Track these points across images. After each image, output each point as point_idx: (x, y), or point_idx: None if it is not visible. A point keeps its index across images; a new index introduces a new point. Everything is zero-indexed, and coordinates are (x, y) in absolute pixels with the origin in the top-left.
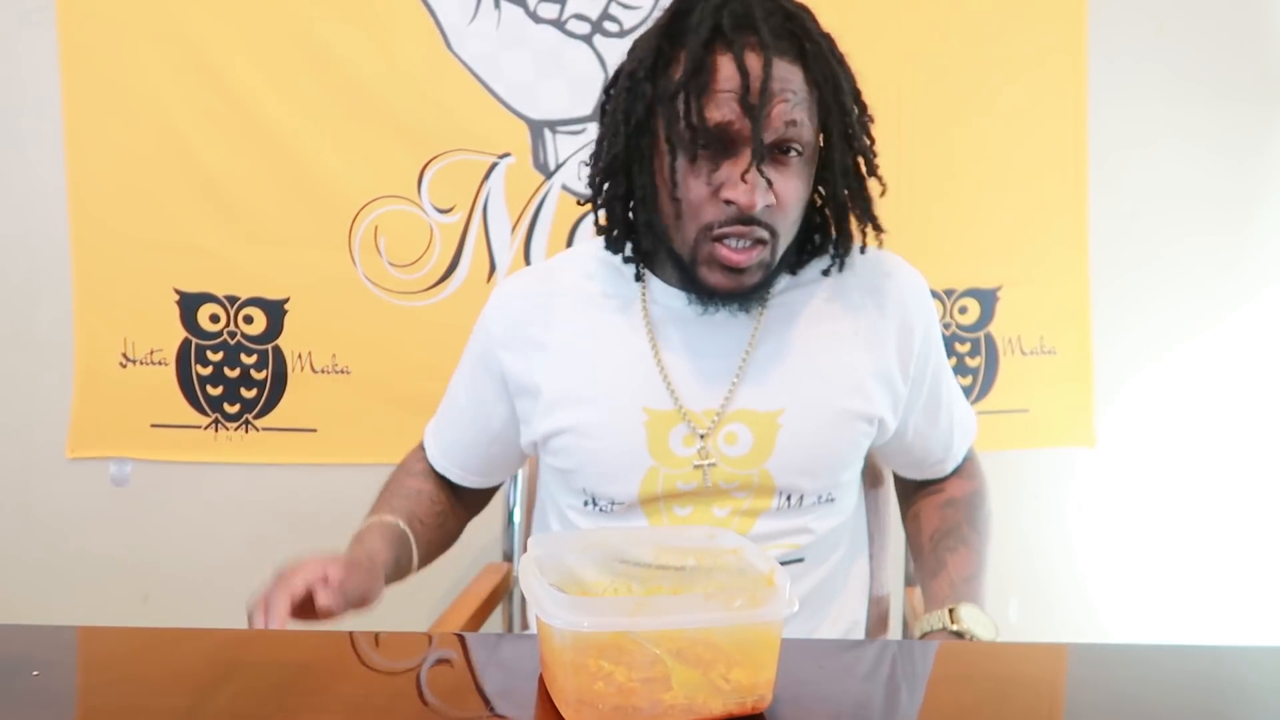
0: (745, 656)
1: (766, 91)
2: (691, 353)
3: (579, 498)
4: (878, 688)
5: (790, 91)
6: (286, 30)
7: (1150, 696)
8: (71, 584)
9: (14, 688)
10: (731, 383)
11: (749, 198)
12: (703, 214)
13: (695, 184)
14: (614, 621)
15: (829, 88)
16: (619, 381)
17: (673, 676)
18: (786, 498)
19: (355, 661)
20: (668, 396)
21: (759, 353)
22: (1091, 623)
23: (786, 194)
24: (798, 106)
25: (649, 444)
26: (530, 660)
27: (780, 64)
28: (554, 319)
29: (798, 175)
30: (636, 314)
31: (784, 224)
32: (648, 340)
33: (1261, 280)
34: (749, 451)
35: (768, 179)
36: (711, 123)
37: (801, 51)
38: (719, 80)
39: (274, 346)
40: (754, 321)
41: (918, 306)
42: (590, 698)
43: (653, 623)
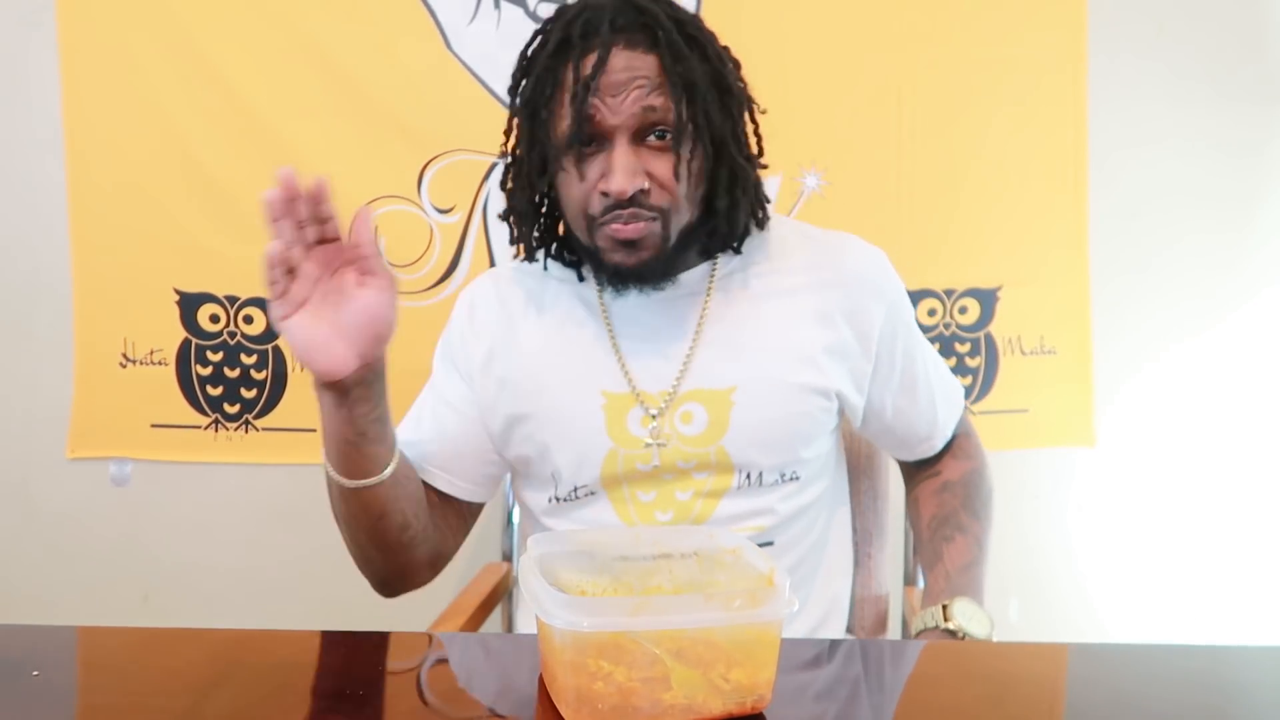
0: (745, 656)
1: (616, 82)
2: (644, 336)
3: (543, 490)
4: (877, 687)
5: (642, 77)
6: (286, 30)
7: (1150, 696)
8: (71, 584)
9: (14, 688)
10: (683, 363)
11: (617, 184)
12: (587, 207)
13: (575, 185)
14: (614, 621)
15: (686, 68)
16: (577, 367)
17: (672, 676)
18: (746, 475)
19: (355, 661)
20: (623, 379)
21: (708, 332)
22: (1091, 623)
23: (664, 175)
24: (654, 89)
25: (607, 426)
26: (530, 660)
27: (627, 54)
28: (513, 313)
29: (673, 157)
30: (593, 302)
31: (671, 203)
32: (604, 326)
33: (1261, 280)
34: (704, 430)
35: (644, 163)
36: (565, 126)
37: (653, 39)
38: (565, 86)
39: (274, 346)
40: (701, 303)
41: (875, 281)
42: (590, 697)
43: (653, 622)
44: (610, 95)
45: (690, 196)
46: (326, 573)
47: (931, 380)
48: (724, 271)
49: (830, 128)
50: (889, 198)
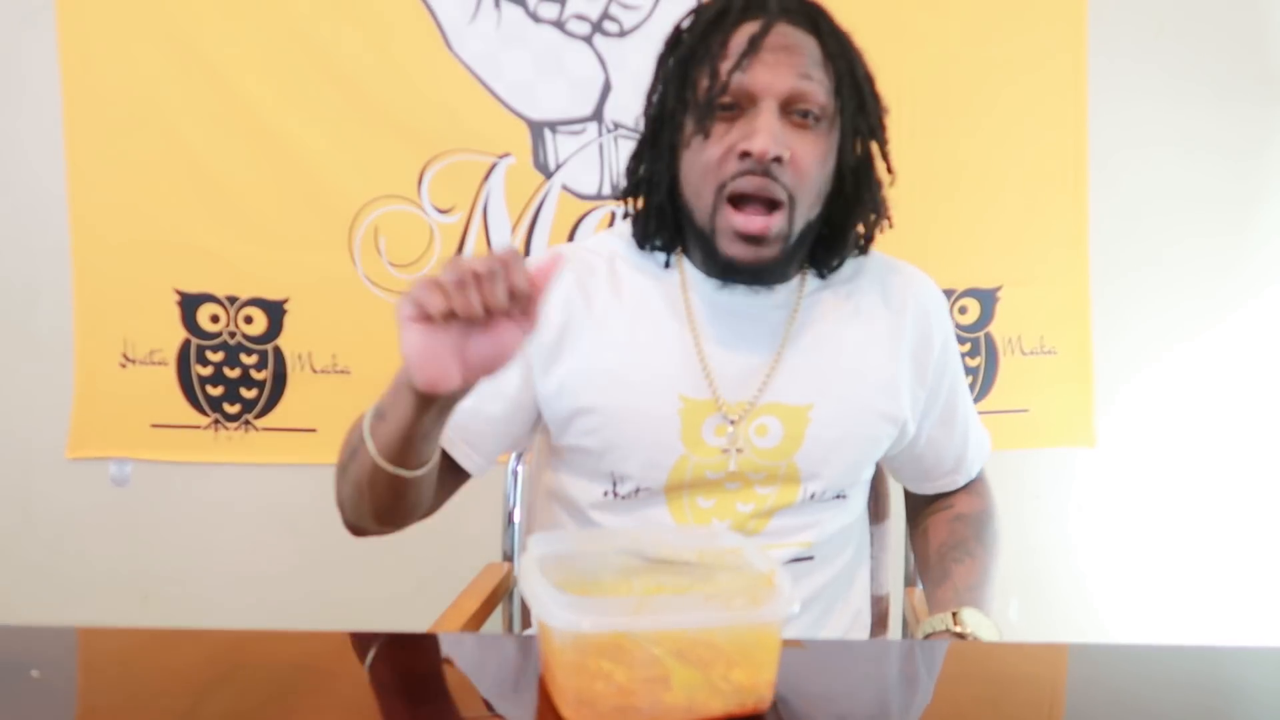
0: (745, 657)
1: (776, 49)
2: (729, 345)
3: (598, 484)
4: (878, 688)
5: (802, 52)
6: (286, 30)
7: (1150, 696)
8: (71, 584)
9: (14, 688)
10: (765, 376)
11: (760, 144)
12: (719, 171)
13: (712, 146)
14: (614, 621)
15: (843, 63)
16: (657, 367)
17: (673, 677)
18: (811, 493)
19: (355, 661)
20: (705, 386)
21: (791, 348)
22: (1091, 623)
23: (803, 156)
24: (812, 66)
25: (682, 432)
26: (530, 660)
27: (791, 30)
28: (591, 297)
29: (815, 142)
30: (676, 299)
31: (801, 190)
32: (688, 328)
33: (1261, 280)
34: (779, 443)
35: (787, 136)
36: (720, 82)
37: (816, 27)
38: (730, 45)
39: (274, 346)
40: (788, 319)
41: (936, 314)
42: (590, 698)
43: (653, 622)
44: (767, 60)
45: (820, 188)
46: (326, 573)
47: (968, 418)
48: (810, 288)
49: None
50: (889, 197)
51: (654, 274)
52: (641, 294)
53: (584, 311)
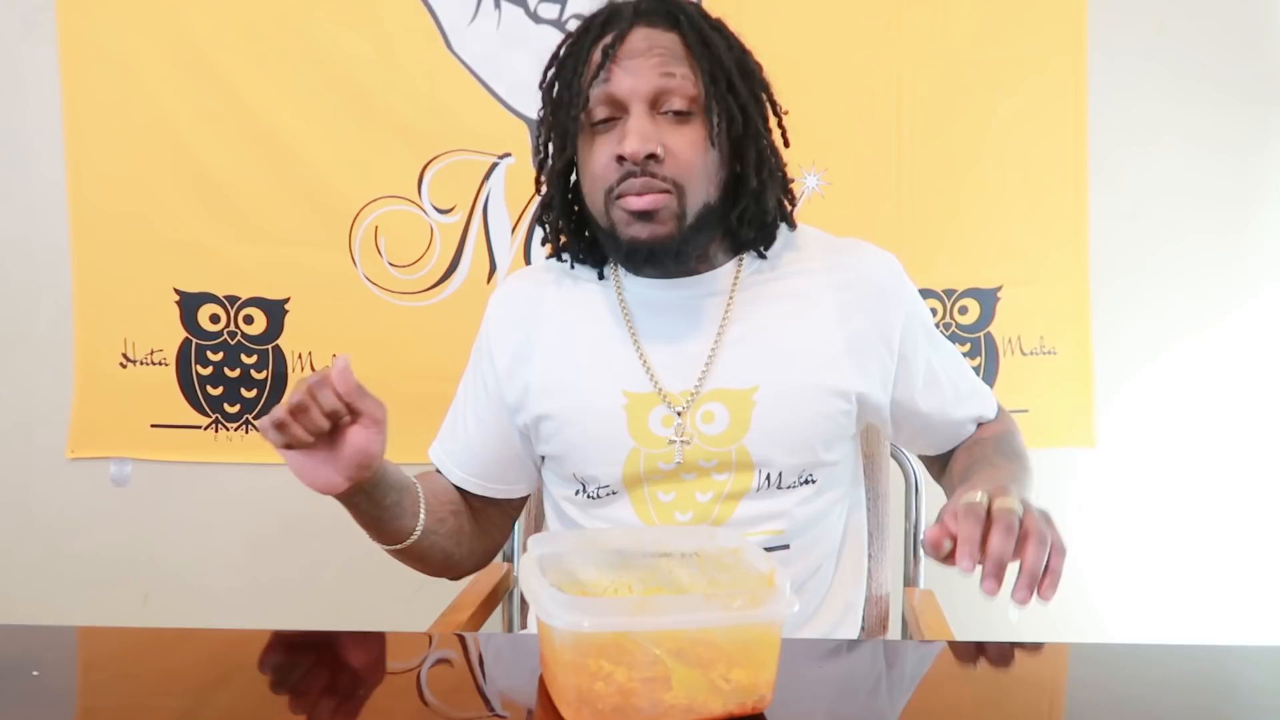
0: (745, 656)
1: (634, 53)
2: (667, 337)
3: (569, 485)
4: (877, 688)
5: (663, 49)
6: (286, 30)
7: (1150, 696)
8: (71, 584)
9: (14, 688)
10: (705, 363)
11: (630, 146)
12: (604, 178)
13: (593, 157)
14: (614, 621)
15: (705, 51)
16: (599, 367)
17: (673, 676)
18: (765, 477)
19: (355, 661)
20: (646, 379)
21: (730, 333)
22: (1092, 622)
23: (680, 148)
24: (674, 61)
25: (629, 425)
26: (530, 660)
27: (649, 31)
28: (542, 312)
29: (690, 133)
30: (614, 304)
31: (686, 177)
32: (626, 328)
33: (1261, 280)
34: (726, 429)
35: (660, 133)
36: (581, 97)
37: (675, 22)
38: (591, 64)
39: (274, 346)
40: (723, 304)
41: (888, 282)
42: (590, 698)
43: (653, 623)
44: (627, 61)
45: (709, 173)
46: (326, 573)
47: (954, 375)
48: (748, 272)
49: (830, 128)
50: (889, 198)
51: (595, 281)
52: (584, 302)
53: (532, 328)
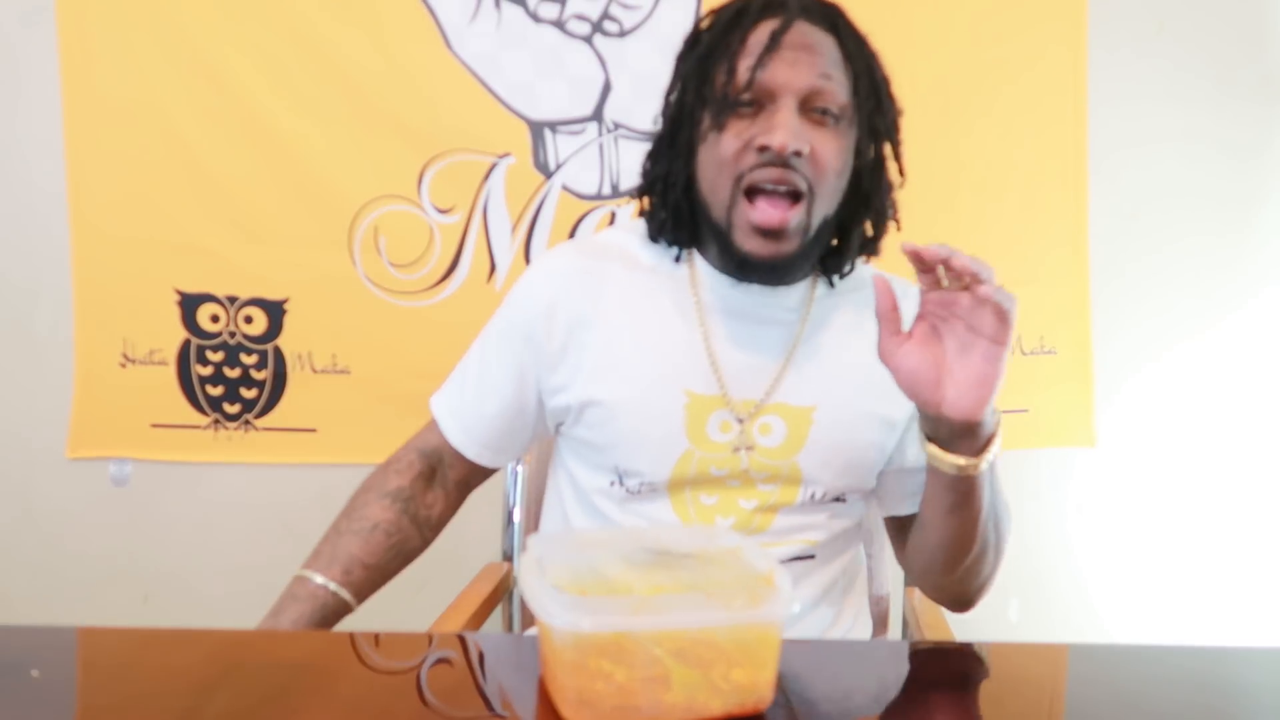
0: (745, 656)
1: (795, 46)
2: (738, 343)
3: (606, 476)
4: (877, 688)
5: (822, 51)
6: (286, 30)
7: (1150, 697)
8: (71, 584)
9: (14, 688)
10: (775, 376)
11: (780, 139)
12: (736, 164)
13: (730, 139)
14: (614, 621)
15: (861, 63)
16: (664, 361)
17: (673, 676)
18: (811, 494)
19: (355, 661)
20: (713, 382)
21: (800, 350)
22: (1091, 623)
23: (823, 152)
24: (831, 65)
25: (687, 426)
26: (530, 660)
27: (810, 28)
28: (601, 291)
29: (834, 139)
30: (686, 296)
31: (821, 183)
32: (697, 324)
33: (1261, 280)
34: (782, 443)
35: (806, 132)
36: (740, 78)
37: (834, 27)
38: (749, 42)
39: (274, 346)
40: (800, 320)
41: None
42: (590, 698)
43: (653, 623)
44: (788, 52)
45: (839, 183)
46: None
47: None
48: (819, 295)
49: None
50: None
51: (663, 270)
52: (649, 289)
53: (591, 308)
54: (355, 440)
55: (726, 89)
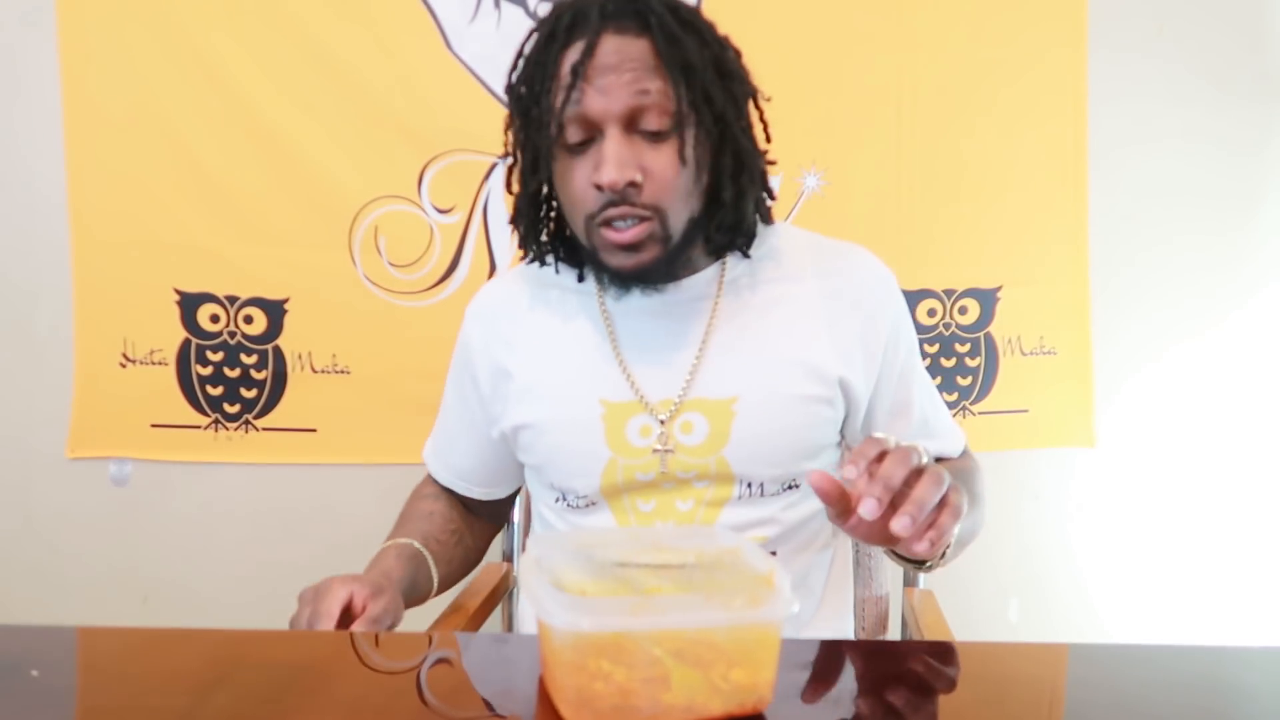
0: (745, 656)
1: (605, 70)
2: (650, 345)
3: (550, 493)
4: (877, 688)
5: (634, 63)
6: (286, 30)
7: (1150, 696)
8: (71, 584)
9: (14, 688)
10: (688, 372)
11: (608, 176)
12: (583, 205)
13: (571, 182)
14: (614, 621)
15: (678, 58)
16: (578, 375)
17: (672, 676)
18: (747, 485)
19: (355, 661)
20: (627, 388)
21: (714, 340)
22: (1091, 623)
23: (659, 169)
24: (646, 75)
25: (606, 436)
26: (530, 660)
27: (618, 40)
28: (519, 319)
29: (668, 151)
30: (594, 308)
31: (666, 199)
32: (606, 334)
33: (1261, 279)
34: (705, 440)
35: (638, 155)
36: (558, 113)
37: (646, 24)
38: (560, 74)
39: (274, 346)
40: (709, 310)
41: (883, 294)
42: (590, 697)
43: (653, 623)
44: (599, 79)
45: (691, 189)
46: (326, 573)
47: (926, 408)
48: (731, 275)
49: (830, 128)
50: (889, 198)
51: (572, 288)
52: (564, 309)
53: (511, 336)
54: (355, 440)
55: (549, 128)
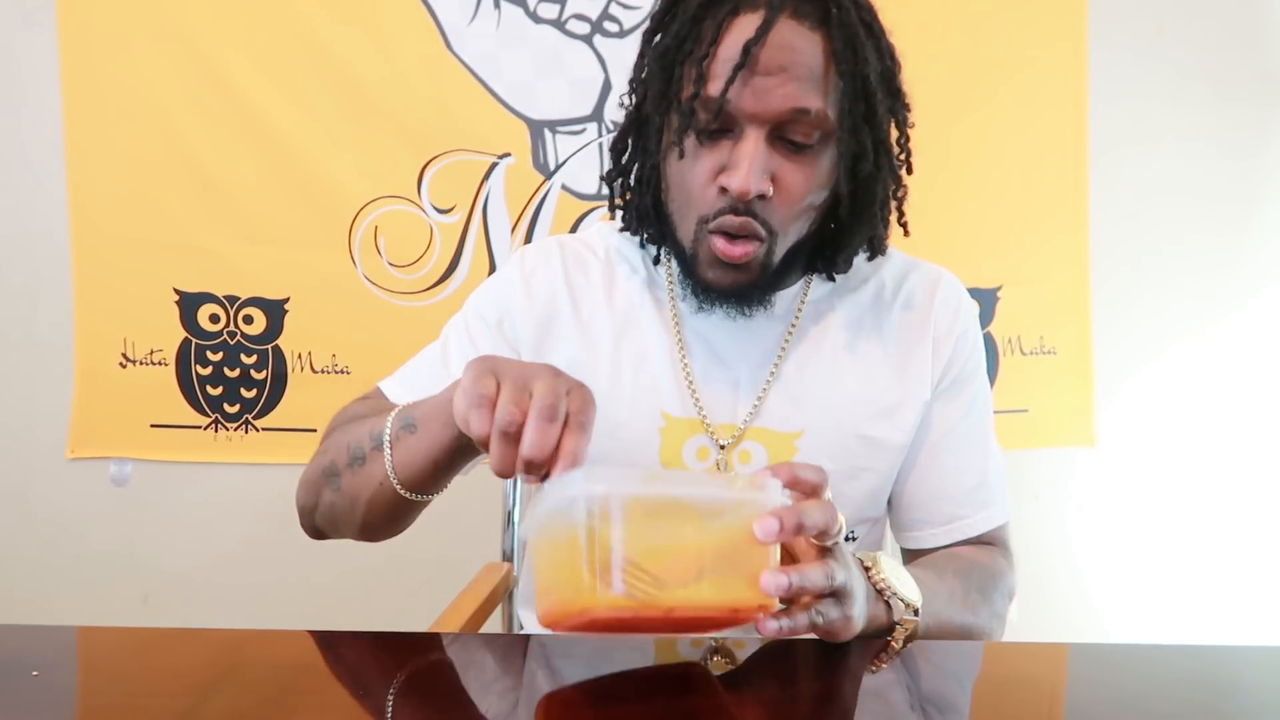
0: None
1: (771, 65)
2: (718, 360)
3: None
4: (878, 688)
5: (801, 63)
6: (286, 30)
7: (1150, 696)
8: (71, 584)
9: (14, 688)
10: (756, 398)
11: (742, 184)
12: (700, 203)
13: (694, 170)
14: (627, 488)
15: (851, 66)
16: (641, 376)
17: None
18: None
19: (355, 661)
20: (691, 404)
21: (787, 366)
22: (1091, 623)
23: (791, 185)
24: (810, 82)
25: (661, 450)
26: (530, 661)
27: (794, 28)
28: (582, 295)
29: (807, 168)
30: (665, 305)
31: (785, 222)
32: (675, 338)
33: (1261, 280)
34: None
35: (774, 165)
36: (706, 103)
37: (825, 18)
38: (720, 49)
39: (274, 346)
40: (784, 333)
41: (965, 328)
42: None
43: (664, 491)
44: (759, 77)
45: (811, 210)
46: (326, 572)
47: (989, 459)
48: (814, 296)
49: None
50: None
51: (643, 274)
52: (631, 300)
53: (570, 310)
54: None
55: (692, 104)
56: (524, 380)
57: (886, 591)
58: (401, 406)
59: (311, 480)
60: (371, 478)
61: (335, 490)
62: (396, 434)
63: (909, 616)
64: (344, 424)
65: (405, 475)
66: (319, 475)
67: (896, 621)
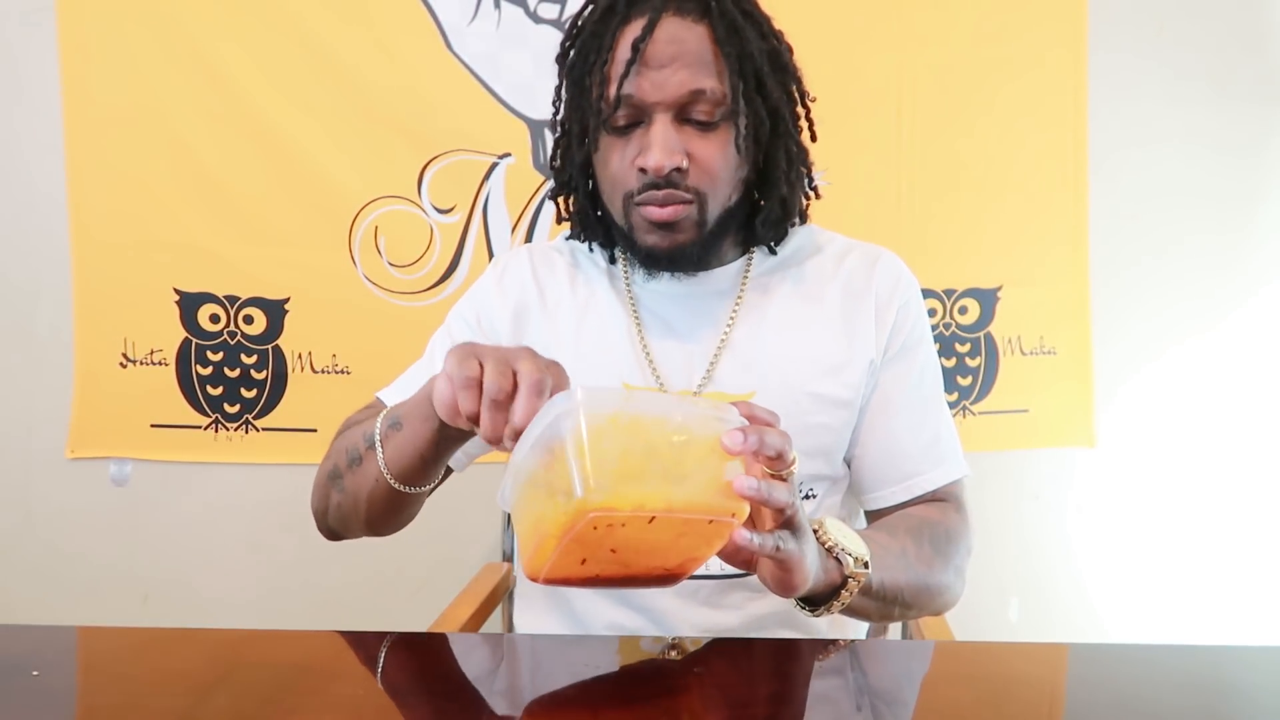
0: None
1: (662, 56)
2: (673, 333)
3: None
4: (878, 688)
5: (690, 51)
6: (286, 30)
7: (1150, 696)
8: (71, 584)
9: (14, 688)
10: (708, 363)
11: (654, 160)
12: (624, 184)
13: (613, 161)
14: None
15: (736, 48)
16: (601, 357)
17: None
18: None
19: (355, 661)
20: (648, 372)
21: (736, 333)
22: (1091, 623)
23: (705, 157)
24: (701, 65)
25: None
26: (530, 660)
27: (678, 23)
28: (547, 290)
29: (716, 140)
30: (622, 293)
31: (709, 186)
32: (632, 319)
33: (1261, 280)
34: None
35: (686, 142)
36: (609, 101)
37: (706, 10)
38: (616, 52)
39: (274, 346)
40: (732, 302)
41: (906, 298)
42: None
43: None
44: (654, 69)
45: (732, 179)
46: (326, 573)
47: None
48: (757, 271)
49: (830, 127)
50: (889, 198)
51: (602, 267)
52: (591, 287)
53: (538, 302)
54: None
55: (599, 104)
56: (506, 359)
57: (836, 549)
58: (390, 407)
59: (320, 485)
60: (368, 476)
61: (340, 491)
62: (385, 432)
63: (859, 569)
64: (345, 430)
65: (396, 469)
66: (325, 479)
67: (849, 575)
